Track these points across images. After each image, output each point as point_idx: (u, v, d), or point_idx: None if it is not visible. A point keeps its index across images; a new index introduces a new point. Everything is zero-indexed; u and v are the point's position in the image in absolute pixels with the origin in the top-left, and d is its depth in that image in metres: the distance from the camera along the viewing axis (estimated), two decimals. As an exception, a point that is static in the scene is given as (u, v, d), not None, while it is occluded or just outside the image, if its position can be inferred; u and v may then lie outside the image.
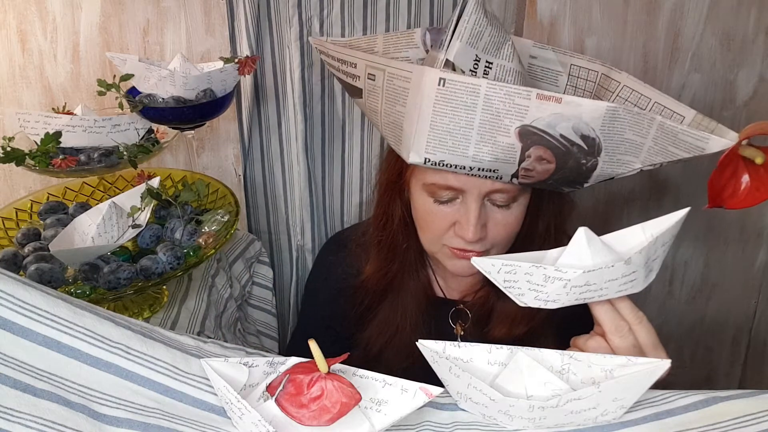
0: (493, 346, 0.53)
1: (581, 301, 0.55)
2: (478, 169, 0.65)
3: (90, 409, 0.45)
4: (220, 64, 0.99)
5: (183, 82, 0.93)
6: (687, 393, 0.52)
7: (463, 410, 0.52)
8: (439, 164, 0.65)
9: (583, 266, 0.53)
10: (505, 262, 0.53)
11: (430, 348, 0.51)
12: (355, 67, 0.75)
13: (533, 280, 0.53)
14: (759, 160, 0.56)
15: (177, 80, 0.93)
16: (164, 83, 0.93)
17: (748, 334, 1.32)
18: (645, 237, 0.55)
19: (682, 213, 0.55)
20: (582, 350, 0.58)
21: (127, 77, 0.94)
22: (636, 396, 0.49)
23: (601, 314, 0.57)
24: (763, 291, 1.27)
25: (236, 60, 0.96)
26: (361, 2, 1.07)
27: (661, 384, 0.50)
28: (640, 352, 0.57)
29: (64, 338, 0.46)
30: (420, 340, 0.52)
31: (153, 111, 0.94)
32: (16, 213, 0.91)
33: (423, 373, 0.52)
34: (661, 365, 0.49)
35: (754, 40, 1.08)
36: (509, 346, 0.53)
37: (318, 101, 1.14)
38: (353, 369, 0.49)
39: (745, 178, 0.58)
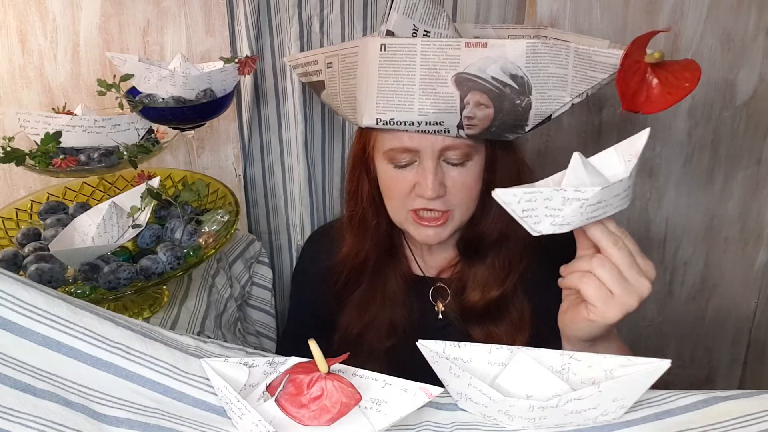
0: (494, 347, 0.53)
1: (589, 221, 0.57)
2: (426, 123, 0.72)
3: (90, 409, 0.45)
4: (220, 64, 0.99)
5: (183, 82, 0.93)
6: (687, 393, 0.52)
7: (463, 410, 0.52)
8: (389, 122, 0.73)
9: (597, 184, 0.55)
10: (525, 190, 0.55)
11: (430, 348, 0.51)
12: (317, 63, 0.82)
13: (552, 204, 0.55)
14: (657, 55, 0.63)
15: (177, 80, 0.93)
16: (164, 83, 0.93)
17: (748, 334, 1.32)
18: (618, 157, 0.58)
19: (646, 132, 0.58)
20: (578, 269, 0.60)
21: (127, 77, 0.94)
22: (636, 396, 0.49)
23: (597, 233, 0.59)
24: (763, 291, 1.27)
25: (236, 60, 0.97)
26: (361, 2, 1.07)
27: (661, 384, 0.50)
28: (633, 260, 0.59)
29: (64, 338, 0.46)
30: (420, 341, 0.52)
31: (153, 111, 0.94)
32: (16, 213, 0.91)
33: (409, 353, 0.53)
34: (661, 365, 0.49)
35: (754, 40, 1.08)
36: (509, 346, 0.53)
37: (318, 101, 1.14)
38: (353, 369, 0.50)
39: (655, 83, 0.64)
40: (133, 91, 0.97)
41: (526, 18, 1.07)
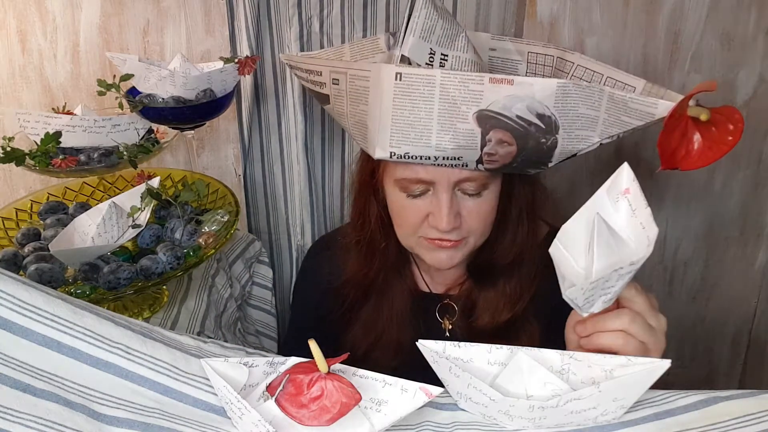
0: (493, 346, 0.53)
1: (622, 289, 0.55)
2: (443, 158, 0.67)
3: (90, 409, 0.45)
4: (220, 64, 0.99)
5: (183, 82, 0.93)
6: (687, 393, 0.52)
7: (463, 410, 0.52)
8: (404, 156, 0.68)
9: (640, 251, 0.53)
10: (591, 281, 0.51)
11: (430, 348, 0.51)
12: (321, 74, 0.77)
13: (608, 284, 0.53)
14: (704, 117, 0.58)
15: (177, 80, 0.93)
16: (164, 83, 0.93)
17: (748, 334, 1.32)
18: (610, 200, 0.55)
19: (624, 168, 0.54)
20: (607, 329, 0.58)
21: (127, 77, 0.94)
22: (636, 396, 0.49)
23: (628, 293, 0.57)
24: (763, 291, 1.27)
25: (236, 60, 0.96)
26: (361, 2, 1.07)
27: (661, 384, 0.50)
28: (648, 300, 0.58)
29: (64, 338, 0.46)
30: (420, 341, 0.52)
31: (153, 111, 0.94)
32: (16, 213, 0.91)
33: (411, 373, 0.52)
34: (661, 365, 0.49)
35: (754, 40, 1.08)
36: (509, 346, 0.53)
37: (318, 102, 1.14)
38: (353, 369, 0.50)
39: (697, 137, 0.60)
40: (133, 91, 0.97)
41: (526, 18, 1.07)
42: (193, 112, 0.95)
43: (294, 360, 0.50)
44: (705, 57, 1.09)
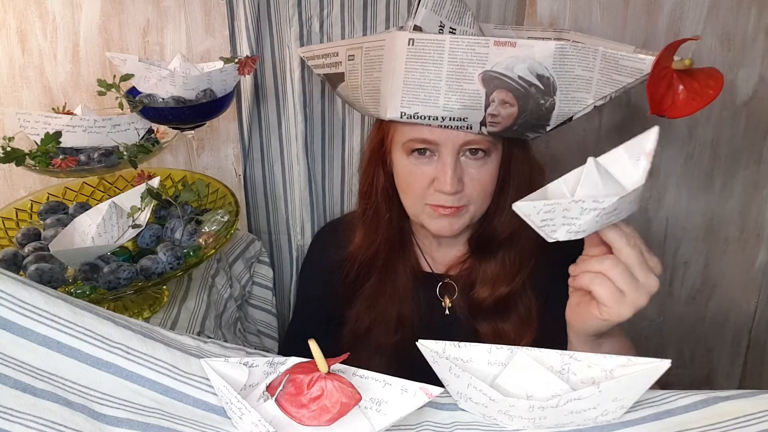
0: (493, 346, 0.53)
1: (602, 226, 0.58)
2: (450, 119, 0.72)
3: (90, 409, 0.45)
4: (220, 64, 0.99)
5: (183, 82, 0.93)
6: (687, 393, 0.52)
7: (463, 410, 0.52)
8: (413, 116, 0.73)
9: (612, 193, 0.56)
10: (545, 202, 0.56)
11: (430, 348, 0.51)
12: (337, 54, 0.83)
13: (569, 214, 0.56)
14: (687, 62, 0.65)
15: (177, 80, 0.93)
16: (164, 83, 0.93)
17: (748, 334, 1.32)
18: (628, 156, 0.58)
19: (654, 130, 0.57)
20: (596, 272, 0.61)
21: (127, 77, 0.94)
22: (636, 396, 0.49)
23: (611, 234, 0.60)
24: (763, 291, 1.27)
25: (236, 60, 0.96)
26: (361, 2, 1.07)
27: (661, 384, 0.50)
28: (644, 258, 0.60)
29: (64, 338, 0.46)
30: (420, 340, 0.52)
31: (153, 111, 0.94)
32: (16, 213, 0.91)
33: (411, 350, 0.53)
34: (661, 365, 0.49)
35: (753, 40, 1.08)
36: (509, 346, 0.53)
37: (318, 101, 1.14)
38: (353, 369, 0.49)
39: (681, 88, 0.66)
40: (133, 91, 0.97)
41: (526, 18, 1.07)
42: (193, 112, 0.95)
43: (294, 360, 0.50)
44: (705, 57, 1.09)
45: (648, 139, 0.58)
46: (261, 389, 0.49)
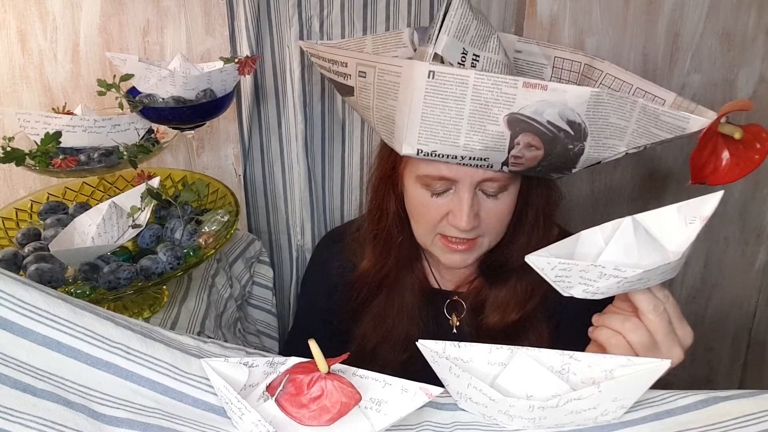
0: (493, 346, 0.53)
1: (625, 291, 0.56)
2: (470, 158, 0.67)
3: (90, 409, 0.45)
4: (220, 64, 0.99)
5: (183, 82, 0.93)
6: (687, 393, 0.52)
7: (463, 410, 0.52)
8: (431, 155, 0.68)
9: (640, 265, 0.53)
10: (561, 261, 0.54)
11: (430, 348, 0.51)
12: (346, 66, 0.77)
13: (587, 276, 0.54)
14: (737, 135, 0.59)
15: (177, 80, 0.93)
16: (164, 83, 0.93)
17: (748, 334, 1.32)
18: (680, 217, 0.56)
19: (718, 195, 0.55)
20: (616, 331, 0.59)
21: (127, 77, 0.94)
22: (636, 396, 0.49)
23: (639, 297, 0.57)
24: (763, 291, 1.27)
25: (236, 60, 0.96)
26: (361, 2, 1.07)
27: (661, 384, 0.50)
28: (671, 328, 0.58)
29: (64, 338, 0.46)
30: (420, 340, 0.52)
31: (153, 111, 0.94)
32: (16, 213, 0.91)
33: (422, 366, 0.52)
34: (661, 365, 0.49)
35: (754, 40, 1.08)
36: (509, 346, 0.53)
37: (318, 101, 1.14)
38: (353, 369, 0.49)
39: (725, 155, 0.61)
40: (133, 91, 0.97)
41: (526, 18, 1.07)
42: (193, 112, 0.95)
43: (294, 360, 0.50)
44: (705, 57, 1.09)
45: (708, 204, 0.55)
46: (261, 389, 0.49)
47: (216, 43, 1.11)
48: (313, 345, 0.47)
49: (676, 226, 0.56)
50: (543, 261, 0.54)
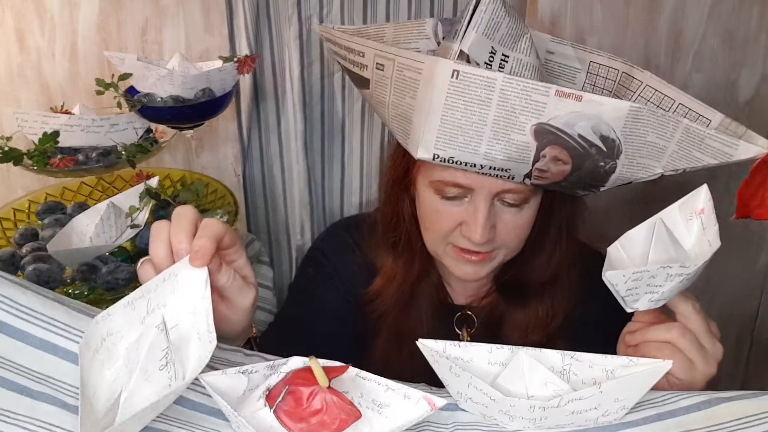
0: (494, 346, 0.52)
1: (679, 291, 0.55)
2: (490, 168, 0.62)
3: (86, 411, 0.44)
4: (219, 63, 0.99)
5: (182, 81, 0.92)
6: (689, 394, 0.52)
7: (464, 410, 0.52)
8: (448, 161, 0.63)
9: (697, 262, 0.53)
10: (634, 270, 0.52)
11: (430, 348, 0.51)
12: (363, 56, 0.71)
13: (655, 282, 0.53)
14: None
15: (176, 79, 0.92)
16: (163, 82, 0.93)
17: (751, 335, 1.32)
18: (681, 216, 0.56)
19: (703, 189, 0.56)
20: (664, 342, 0.57)
21: (125, 76, 0.94)
22: (638, 396, 0.49)
23: (677, 301, 0.57)
24: (766, 292, 1.27)
25: (235, 59, 0.96)
26: (361, 2, 1.07)
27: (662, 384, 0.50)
28: (707, 324, 0.58)
29: (60, 341, 0.47)
30: (420, 340, 0.52)
31: (151, 110, 0.94)
32: (14, 213, 0.91)
33: (432, 378, 0.52)
34: (663, 366, 0.48)
35: (756, 39, 1.08)
36: (510, 346, 0.52)
37: (318, 101, 1.14)
38: (356, 370, 0.49)
39: None
40: (131, 91, 0.96)
41: (527, 16, 1.07)
42: (191, 112, 0.95)
43: (295, 361, 0.49)
44: (707, 56, 1.09)
45: (698, 198, 0.55)
46: (261, 390, 0.48)
47: (215, 42, 1.10)
48: (313, 363, 0.46)
49: (681, 224, 0.56)
50: (618, 275, 0.52)
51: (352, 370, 0.49)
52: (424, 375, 0.53)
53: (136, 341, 0.47)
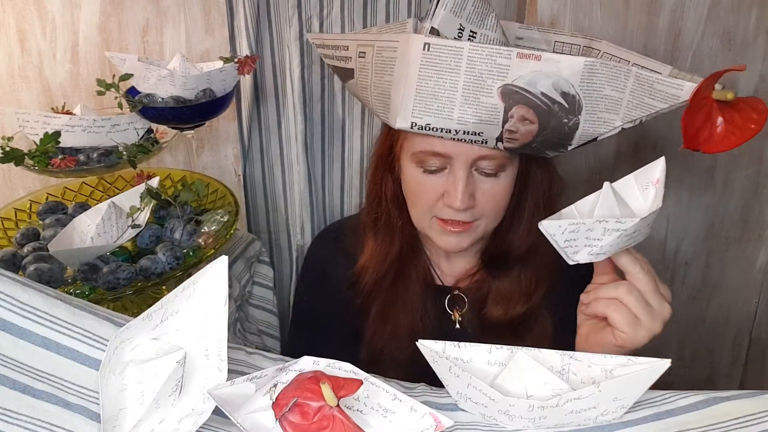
0: (493, 346, 0.52)
1: (620, 249, 0.59)
2: (464, 132, 0.67)
3: (89, 410, 0.45)
4: (219, 63, 0.99)
5: (182, 81, 0.93)
6: (687, 393, 0.52)
7: (463, 410, 0.52)
8: (425, 128, 0.68)
9: (635, 216, 0.57)
10: (570, 221, 0.56)
11: (430, 348, 0.51)
12: (347, 49, 0.77)
13: (592, 235, 0.56)
14: (730, 96, 0.59)
15: (176, 80, 0.93)
16: (164, 83, 0.93)
17: (749, 335, 1.32)
18: (637, 185, 0.59)
19: (661, 161, 0.59)
20: (611, 298, 0.61)
21: (126, 77, 0.94)
22: (636, 396, 0.49)
23: (625, 260, 0.61)
24: (764, 291, 1.27)
25: (236, 60, 0.96)
26: (361, 2, 1.07)
27: (661, 384, 0.50)
28: (656, 286, 0.62)
29: (63, 339, 0.46)
30: (420, 340, 0.52)
31: (152, 111, 0.94)
32: (15, 213, 0.91)
33: (425, 364, 0.52)
34: (661, 365, 0.49)
35: (754, 40, 1.08)
36: (509, 346, 0.52)
37: (318, 101, 1.14)
38: (364, 374, 0.49)
39: (720, 121, 0.61)
40: (132, 91, 0.97)
41: (526, 17, 1.07)
42: (192, 112, 0.95)
43: (306, 361, 0.49)
44: (705, 57, 1.09)
45: (655, 169, 0.58)
46: (268, 387, 0.48)
47: (215, 42, 1.11)
48: (324, 387, 0.46)
49: (635, 191, 0.59)
50: (554, 225, 0.56)
51: (361, 374, 0.49)
52: (420, 365, 0.54)
53: (153, 366, 0.46)
